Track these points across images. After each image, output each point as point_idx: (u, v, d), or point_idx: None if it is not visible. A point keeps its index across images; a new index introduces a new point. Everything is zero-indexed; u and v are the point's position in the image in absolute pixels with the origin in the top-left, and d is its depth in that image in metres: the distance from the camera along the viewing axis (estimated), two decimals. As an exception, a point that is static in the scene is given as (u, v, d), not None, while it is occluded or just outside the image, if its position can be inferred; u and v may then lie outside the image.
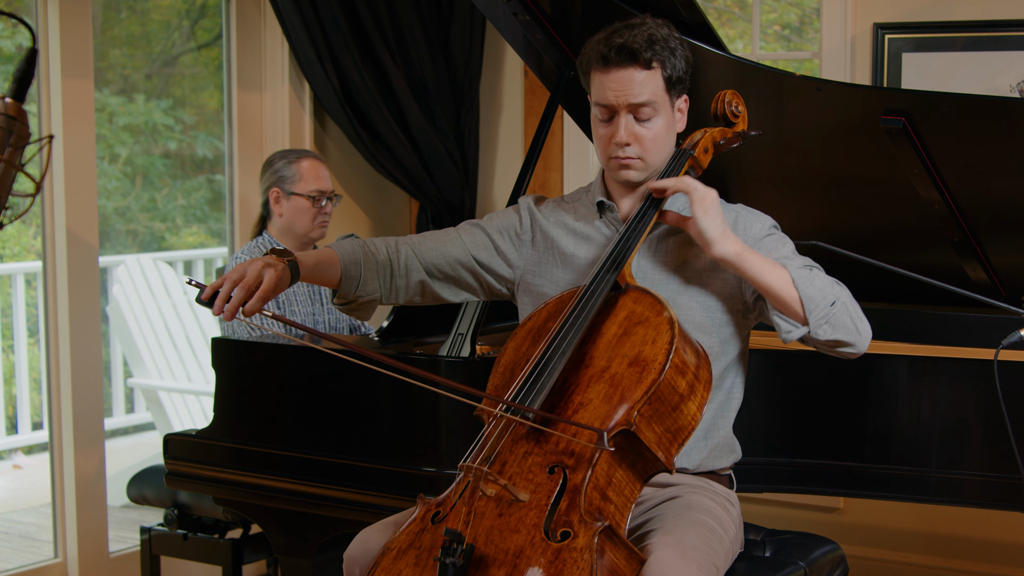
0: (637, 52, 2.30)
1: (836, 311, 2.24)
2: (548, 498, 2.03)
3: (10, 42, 5.28)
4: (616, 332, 2.20)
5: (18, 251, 5.66)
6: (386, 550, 2.12)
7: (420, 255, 2.47)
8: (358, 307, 2.46)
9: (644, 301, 2.22)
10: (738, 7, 5.29)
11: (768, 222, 2.42)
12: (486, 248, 2.51)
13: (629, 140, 2.33)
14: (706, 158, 2.43)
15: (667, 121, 2.36)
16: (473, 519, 2.04)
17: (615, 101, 2.32)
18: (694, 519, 2.22)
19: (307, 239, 3.54)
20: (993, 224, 2.89)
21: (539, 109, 4.51)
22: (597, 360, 2.18)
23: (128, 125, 5.78)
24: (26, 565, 3.82)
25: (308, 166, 3.52)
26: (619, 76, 2.31)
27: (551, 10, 2.93)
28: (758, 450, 2.73)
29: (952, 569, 3.96)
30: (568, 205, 2.53)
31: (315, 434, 2.78)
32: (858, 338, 2.27)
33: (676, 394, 2.13)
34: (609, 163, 2.38)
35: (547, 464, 2.08)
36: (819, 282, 2.26)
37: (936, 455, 2.74)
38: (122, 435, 5.73)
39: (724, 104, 2.45)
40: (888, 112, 2.72)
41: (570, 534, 1.99)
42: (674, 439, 2.15)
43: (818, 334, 2.24)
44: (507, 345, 2.33)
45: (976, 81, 3.79)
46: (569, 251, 2.46)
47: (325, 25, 4.12)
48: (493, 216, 2.56)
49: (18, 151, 1.69)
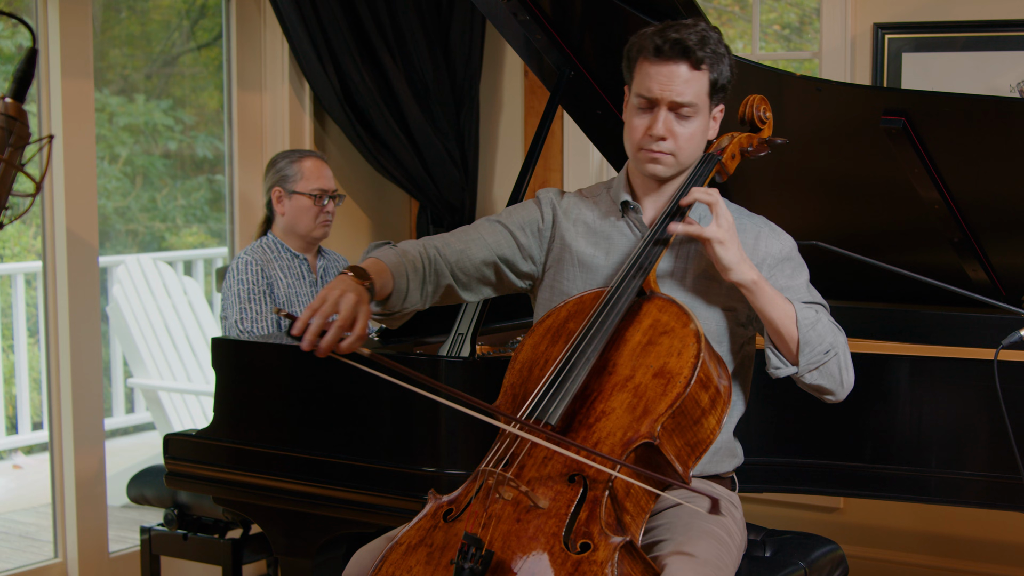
0: (691, 50, 2.28)
1: (828, 360, 2.28)
2: (568, 507, 2.00)
3: (10, 42, 5.28)
4: (640, 340, 2.18)
5: (18, 251, 5.66)
6: (395, 544, 2.08)
7: (445, 257, 2.41)
8: (400, 317, 2.40)
9: (670, 311, 2.20)
10: (738, 7, 5.29)
11: (789, 243, 2.41)
12: (509, 246, 2.47)
13: (665, 135, 2.30)
14: (732, 164, 2.41)
15: (703, 124, 2.34)
16: (490, 523, 2.01)
17: (659, 94, 2.29)
18: (703, 530, 2.21)
19: (310, 238, 3.55)
20: (993, 224, 2.89)
21: (539, 109, 4.51)
22: (621, 368, 2.16)
23: (128, 125, 5.78)
24: (26, 565, 3.82)
25: (310, 165, 3.53)
26: (668, 70, 2.29)
27: (551, 10, 2.93)
28: (758, 450, 2.73)
29: (952, 569, 3.96)
30: (588, 201, 2.50)
31: (315, 434, 2.78)
32: (840, 389, 2.34)
33: (699, 408, 2.12)
34: (638, 154, 2.35)
35: (567, 472, 2.06)
36: (820, 327, 2.28)
37: (936, 455, 2.74)
38: (122, 435, 5.73)
39: (752, 109, 2.43)
40: (888, 112, 2.72)
41: (590, 546, 1.95)
42: (692, 452, 2.14)
43: (805, 378, 2.30)
44: (524, 342, 2.30)
45: (976, 81, 3.79)
46: (588, 251, 2.43)
47: (325, 25, 4.12)
48: (513, 211, 2.52)
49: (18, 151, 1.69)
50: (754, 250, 2.37)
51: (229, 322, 3.43)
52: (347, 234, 4.52)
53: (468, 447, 2.63)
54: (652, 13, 2.76)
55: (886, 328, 2.91)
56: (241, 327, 3.38)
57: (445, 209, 4.52)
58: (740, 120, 2.46)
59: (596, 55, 3.03)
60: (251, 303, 3.40)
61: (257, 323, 3.39)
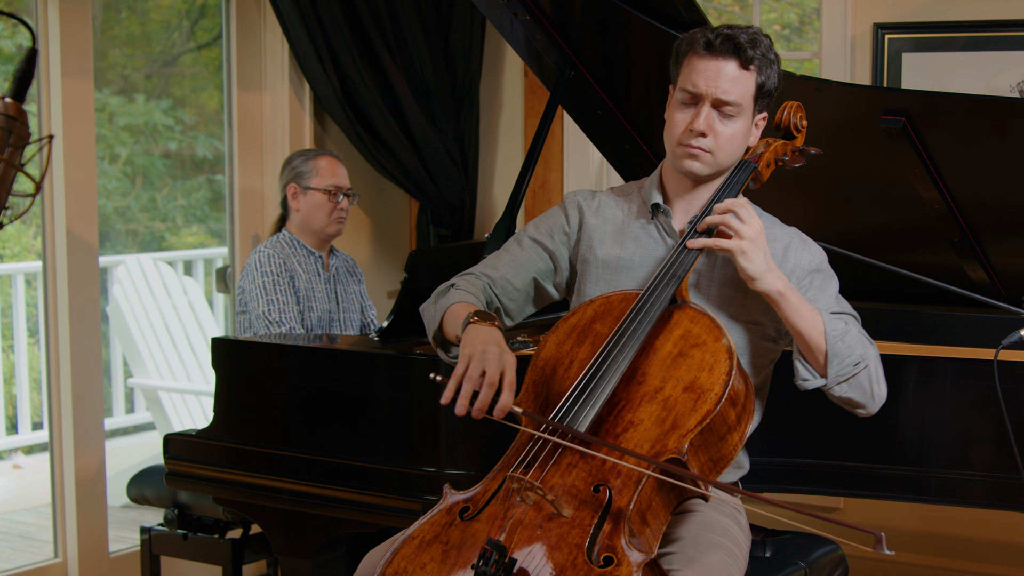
0: (742, 47, 2.25)
1: (858, 371, 2.24)
2: (592, 518, 1.98)
3: (10, 42, 5.28)
4: (671, 351, 2.15)
5: (18, 251, 5.66)
6: (408, 538, 2.06)
7: (491, 286, 2.42)
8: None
9: (702, 322, 2.17)
10: (738, 7, 5.29)
11: (819, 256, 2.38)
12: (542, 259, 2.46)
13: (706, 131, 2.27)
14: (767, 172, 2.38)
15: (745, 127, 2.31)
16: (510, 527, 1.98)
17: (704, 90, 2.26)
18: (713, 542, 2.21)
19: (324, 235, 3.60)
20: (993, 224, 2.89)
21: (539, 109, 4.51)
22: (651, 379, 2.13)
23: (128, 125, 5.78)
24: (26, 565, 3.82)
25: (325, 163, 3.60)
26: (716, 65, 2.26)
27: (551, 10, 2.93)
28: (758, 450, 2.73)
29: (952, 569, 3.96)
30: (620, 200, 2.47)
31: (315, 434, 2.78)
32: (871, 402, 2.29)
33: (726, 425, 2.11)
34: (677, 149, 2.31)
35: (592, 481, 2.03)
36: (850, 339, 2.24)
37: (936, 455, 2.74)
38: (122, 435, 5.73)
39: (789, 115, 2.40)
40: (888, 112, 2.72)
41: (613, 560, 1.93)
42: (715, 467, 2.13)
43: (834, 390, 2.25)
44: (547, 339, 2.27)
45: (976, 81, 3.79)
46: (613, 251, 2.40)
47: (325, 25, 4.12)
48: (540, 222, 2.50)
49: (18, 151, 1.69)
50: (783, 261, 2.33)
51: (252, 316, 3.43)
52: (347, 234, 4.52)
53: (468, 447, 2.63)
54: (652, 13, 2.76)
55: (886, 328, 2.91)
56: (269, 318, 3.39)
57: (445, 209, 4.52)
58: (776, 126, 2.42)
59: (596, 55, 3.03)
60: (277, 294, 3.42)
61: (285, 313, 3.40)
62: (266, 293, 3.41)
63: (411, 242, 4.81)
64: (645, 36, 2.87)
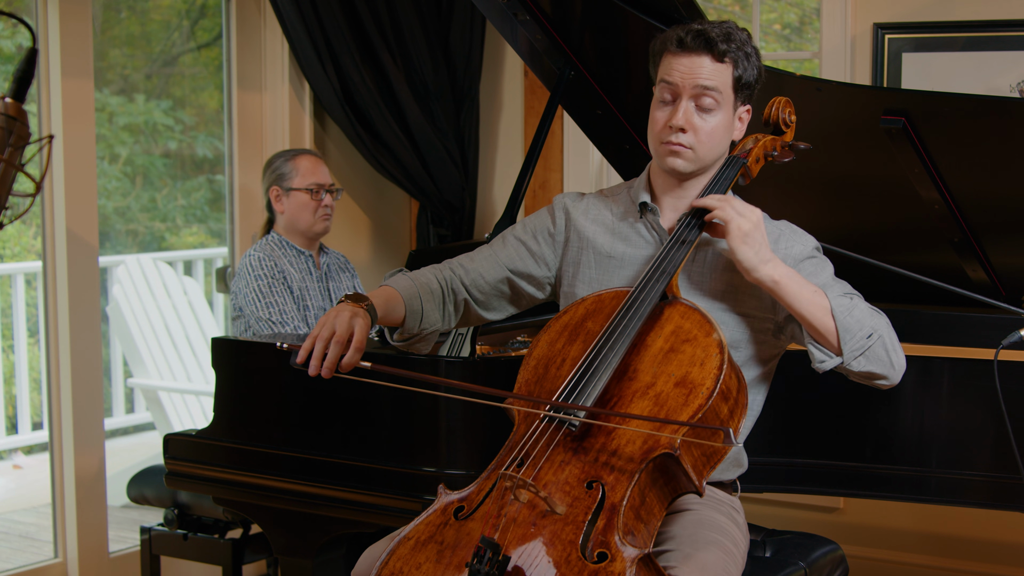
0: (713, 41, 2.26)
1: (872, 343, 2.22)
2: (585, 514, 1.99)
3: (10, 42, 5.28)
4: (662, 347, 2.16)
5: (18, 251, 5.66)
6: (403, 539, 2.06)
7: (460, 277, 2.45)
8: (420, 340, 2.43)
9: (692, 318, 2.18)
10: (738, 7, 5.29)
11: (811, 243, 2.38)
12: (521, 257, 2.47)
13: (685, 126, 2.27)
14: (757, 168, 2.38)
15: (726, 120, 2.30)
16: (504, 525, 1.99)
17: (680, 81, 2.26)
18: (710, 539, 2.21)
19: (311, 234, 3.59)
20: (993, 224, 2.89)
21: (539, 109, 4.51)
22: (642, 374, 2.14)
23: (128, 125, 5.78)
24: (26, 565, 3.82)
25: (304, 162, 3.59)
26: (690, 60, 2.27)
27: (551, 10, 2.92)
28: (758, 450, 2.73)
29: (952, 569, 3.97)
30: (608, 201, 2.47)
31: (315, 434, 2.78)
32: (891, 371, 2.26)
33: (718, 419, 2.11)
34: (659, 148, 2.31)
35: (586, 478, 2.04)
36: (858, 313, 2.23)
37: (936, 455, 2.74)
38: (122, 435, 5.73)
39: (778, 111, 2.41)
40: (888, 112, 2.72)
41: (607, 556, 1.93)
42: (708, 462, 2.13)
43: (852, 366, 2.23)
44: (539, 338, 2.27)
45: (976, 81, 3.79)
46: (605, 251, 2.41)
47: (325, 25, 4.12)
48: (527, 221, 2.52)
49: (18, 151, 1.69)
50: (773, 252, 2.32)
51: (250, 319, 3.42)
52: (347, 234, 4.52)
53: (468, 447, 2.63)
54: (652, 13, 2.76)
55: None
56: (271, 320, 3.38)
57: (445, 209, 4.52)
58: (764, 122, 2.43)
59: (596, 55, 3.03)
60: (274, 296, 3.42)
61: (285, 314, 3.40)
62: (263, 296, 3.41)
63: (411, 242, 4.81)
64: (645, 36, 2.86)
